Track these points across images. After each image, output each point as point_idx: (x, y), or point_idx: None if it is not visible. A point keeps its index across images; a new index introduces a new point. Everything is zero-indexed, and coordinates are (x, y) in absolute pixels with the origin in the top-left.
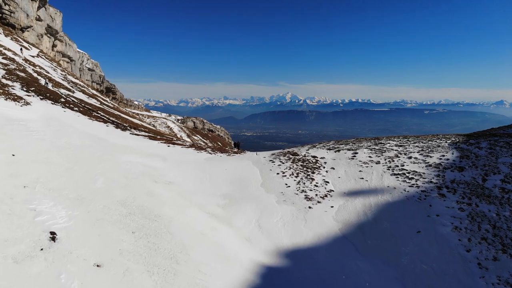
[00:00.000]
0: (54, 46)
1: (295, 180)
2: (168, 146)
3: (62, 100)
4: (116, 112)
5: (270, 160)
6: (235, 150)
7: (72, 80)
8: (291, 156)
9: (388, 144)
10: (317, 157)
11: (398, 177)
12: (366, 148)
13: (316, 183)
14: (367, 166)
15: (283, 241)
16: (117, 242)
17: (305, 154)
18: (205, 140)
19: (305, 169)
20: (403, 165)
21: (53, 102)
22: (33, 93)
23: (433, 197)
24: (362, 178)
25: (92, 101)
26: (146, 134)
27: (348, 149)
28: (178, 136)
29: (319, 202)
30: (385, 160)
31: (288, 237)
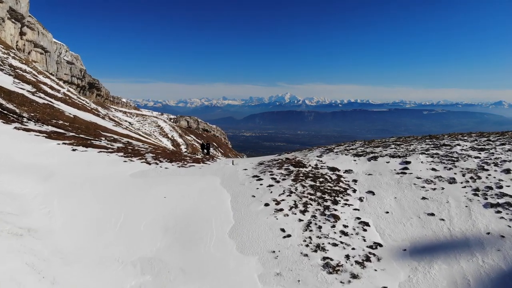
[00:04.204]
0: (22, 34)
1: (300, 221)
2: (74, 150)
3: None
4: (44, 101)
5: (255, 176)
6: (198, 156)
7: (13, 64)
8: (291, 167)
9: (459, 147)
10: (338, 170)
11: (500, 212)
12: (422, 153)
13: (345, 226)
14: (434, 189)
15: None
16: None
17: (316, 164)
18: (199, 140)
19: (319, 194)
20: (501, 186)
21: None
22: None
23: None
24: (433, 215)
25: (23, 87)
26: (52, 129)
27: (392, 156)
28: (169, 136)
29: (354, 276)
30: (463, 175)
31: None
